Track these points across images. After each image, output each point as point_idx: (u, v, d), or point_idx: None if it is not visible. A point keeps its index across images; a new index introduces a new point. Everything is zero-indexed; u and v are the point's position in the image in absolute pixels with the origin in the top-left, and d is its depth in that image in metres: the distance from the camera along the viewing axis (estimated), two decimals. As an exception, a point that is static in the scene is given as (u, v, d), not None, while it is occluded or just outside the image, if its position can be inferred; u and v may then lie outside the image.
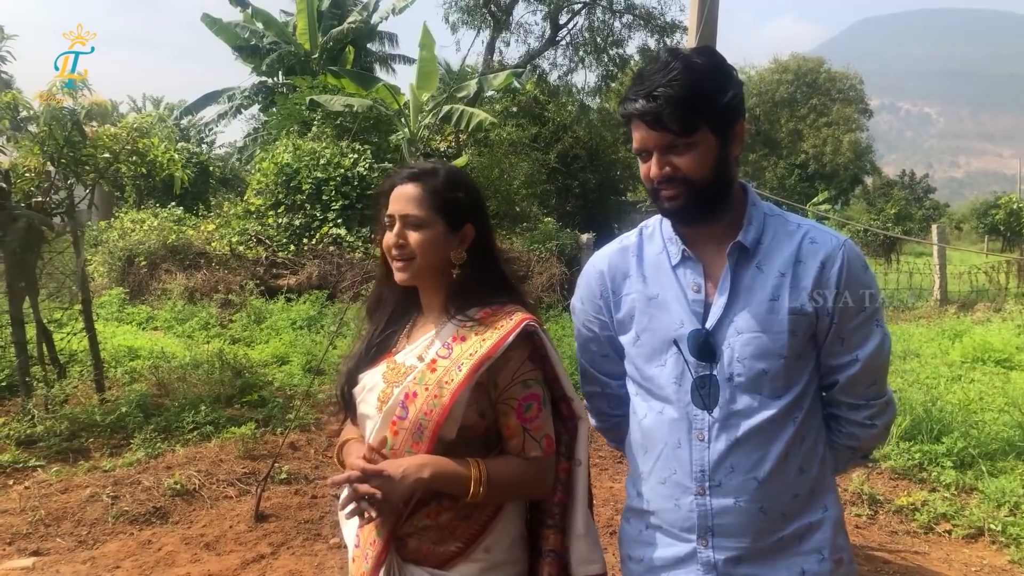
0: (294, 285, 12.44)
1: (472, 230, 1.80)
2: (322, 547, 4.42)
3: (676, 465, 1.69)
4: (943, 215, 39.41)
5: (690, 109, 1.54)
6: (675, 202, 1.61)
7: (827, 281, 1.61)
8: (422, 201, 1.76)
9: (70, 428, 5.96)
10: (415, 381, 1.72)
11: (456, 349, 1.73)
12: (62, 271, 7.50)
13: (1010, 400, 6.85)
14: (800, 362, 1.65)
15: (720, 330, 1.64)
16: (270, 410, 6.56)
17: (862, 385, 1.67)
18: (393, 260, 1.78)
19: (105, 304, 11.17)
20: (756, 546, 1.64)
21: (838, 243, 1.64)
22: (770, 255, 1.65)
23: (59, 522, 4.63)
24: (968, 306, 14.63)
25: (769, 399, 1.63)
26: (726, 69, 1.63)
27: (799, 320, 1.61)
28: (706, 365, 1.64)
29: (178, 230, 13.88)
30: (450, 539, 1.72)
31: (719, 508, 1.65)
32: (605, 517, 4.76)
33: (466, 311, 1.77)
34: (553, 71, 25.71)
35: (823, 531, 1.67)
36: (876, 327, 1.65)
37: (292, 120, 17.18)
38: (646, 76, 1.60)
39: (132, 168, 7.10)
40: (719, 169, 1.61)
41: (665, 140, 1.58)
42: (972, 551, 4.47)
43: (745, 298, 1.64)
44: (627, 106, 1.61)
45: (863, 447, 1.75)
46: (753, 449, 1.63)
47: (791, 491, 1.65)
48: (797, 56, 47.42)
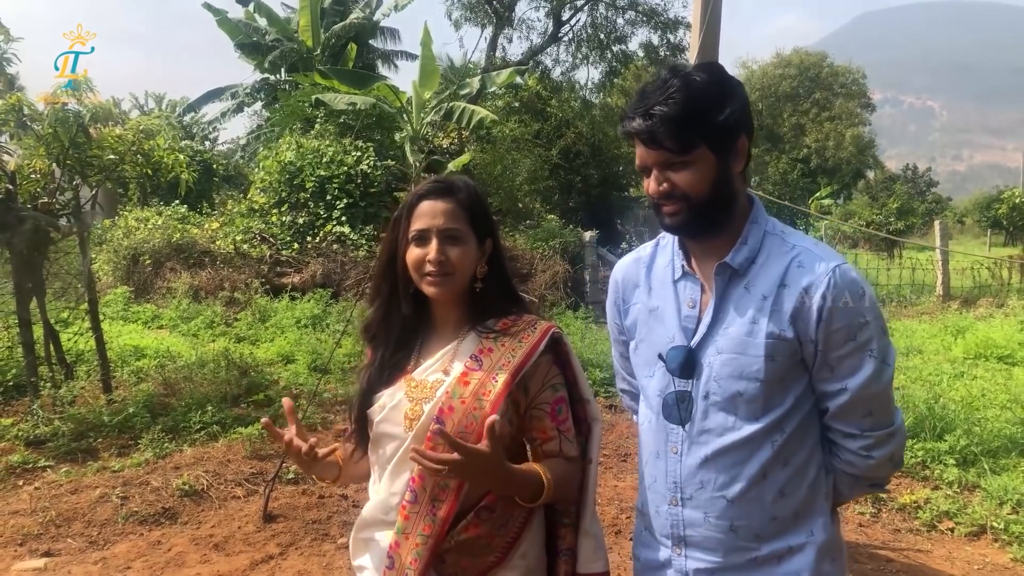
0: (298, 283, 12.48)
1: (490, 244, 1.84)
2: (330, 547, 4.46)
3: (656, 474, 1.73)
4: (946, 209, 39.41)
5: (686, 127, 1.55)
6: (675, 218, 1.62)
7: (808, 308, 1.57)
8: (458, 216, 1.77)
9: (78, 428, 6.01)
10: (448, 395, 1.72)
11: (486, 361, 1.75)
12: (68, 271, 7.55)
13: (1013, 397, 6.85)
14: (782, 385, 1.61)
15: (703, 348, 1.65)
16: (276, 409, 6.59)
17: (855, 415, 1.62)
18: (427, 276, 1.75)
19: (110, 303, 11.21)
20: (728, 562, 1.65)
21: (825, 269, 1.58)
22: (759, 277, 1.63)
23: (70, 523, 4.67)
24: (971, 302, 14.62)
25: (745, 420, 1.61)
26: (727, 85, 1.61)
27: (778, 345, 1.58)
28: (686, 382, 1.66)
29: (182, 228, 13.91)
30: (488, 551, 1.73)
31: (690, 520, 1.67)
32: (610, 516, 4.80)
33: (484, 323, 1.80)
34: (556, 67, 25.72)
35: (804, 555, 1.64)
36: (869, 357, 1.58)
37: (295, 118, 17.19)
38: (645, 94, 1.60)
39: (137, 169, 7.13)
40: (718, 185, 1.60)
41: (662, 158, 1.59)
42: (975, 549, 4.50)
43: (728, 318, 1.63)
44: (626, 124, 1.62)
45: (867, 476, 1.68)
46: (724, 468, 1.63)
47: (768, 513, 1.63)
48: (800, 50, 47.41)
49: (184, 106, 31.50)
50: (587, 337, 9.47)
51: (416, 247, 1.77)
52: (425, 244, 1.76)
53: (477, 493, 1.71)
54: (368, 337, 1.90)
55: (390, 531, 1.75)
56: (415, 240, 1.77)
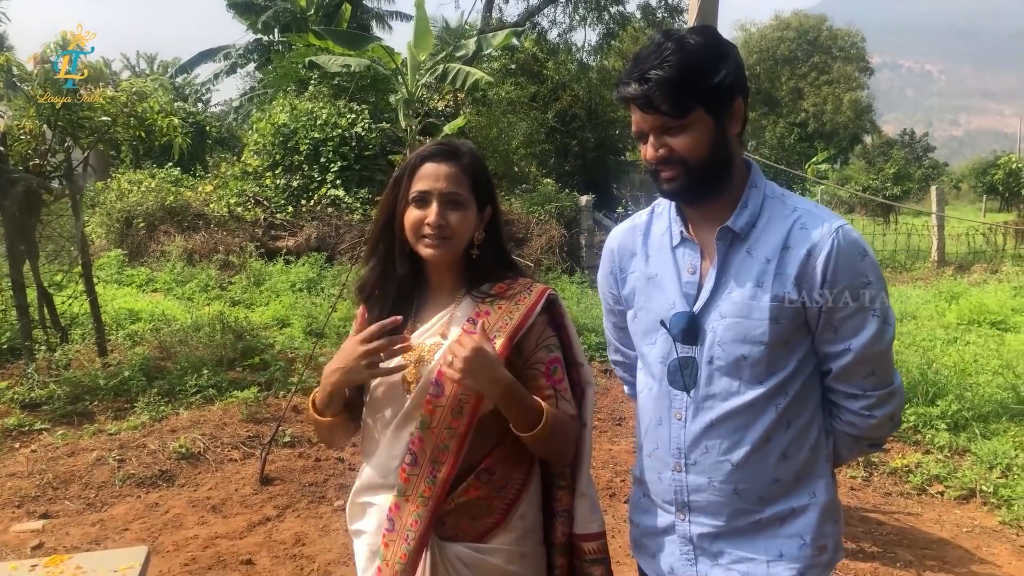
0: (293, 247, 12.44)
1: (489, 211, 1.83)
2: (327, 509, 4.50)
3: (659, 440, 1.73)
4: (942, 174, 39.32)
5: (682, 90, 1.53)
6: (673, 183, 1.61)
7: (812, 270, 1.57)
8: (460, 180, 1.76)
9: (73, 392, 6.02)
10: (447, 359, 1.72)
11: (484, 323, 1.75)
12: (61, 234, 7.50)
13: (1004, 362, 6.91)
14: (786, 348, 1.62)
15: (706, 313, 1.64)
16: (272, 373, 6.62)
17: (857, 375, 1.63)
18: (425, 238, 1.74)
19: (104, 266, 11.17)
20: (732, 525, 1.66)
21: (828, 230, 1.58)
22: (760, 240, 1.62)
23: (67, 485, 4.70)
24: (965, 268, 14.67)
25: (749, 384, 1.62)
26: (722, 48, 1.59)
27: (782, 308, 1.58)
28: (690, 347, 1.66)
29: (176, 191, 13.83)
30: (487, 512, 1.75)
31: (694, 485, 1.68)
32: (604, 480, 4.85)
33: (480, 287, 1.80)
34: (552, 29, 25.40)
35: (807, 516, 1.66)
36: (872, 317, 1.59)
37: (288, 79, 16.99)
38: (640, 59, 1.59)
39: (130, 132, 7.05)
40: (716, 149, 1.59)
41: (659, 122, 1.57)
42: (964, 512, 4.56)
43: (732, 283, 1.63)
44: (621, 90, 1.60)
45: (867, 436, 1.70)
46: (729, 433, 1.63)
47: (770, 476, 1.64)
48: (799, 13, 46.91)
49: (176, 67, 31.12)
50: (583, 301, 9.49)
51: (416, 209, 1.75)
52: (425, 207, 1.74)
53: (477, 454, 1.72)
54: (363, 297, 1.88)
55: (389, 494, 1.75)
56: (415, 202, 1.76)
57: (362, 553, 1.84)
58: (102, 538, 4.10)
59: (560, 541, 1.84)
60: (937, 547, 4.10)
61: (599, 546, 1.84)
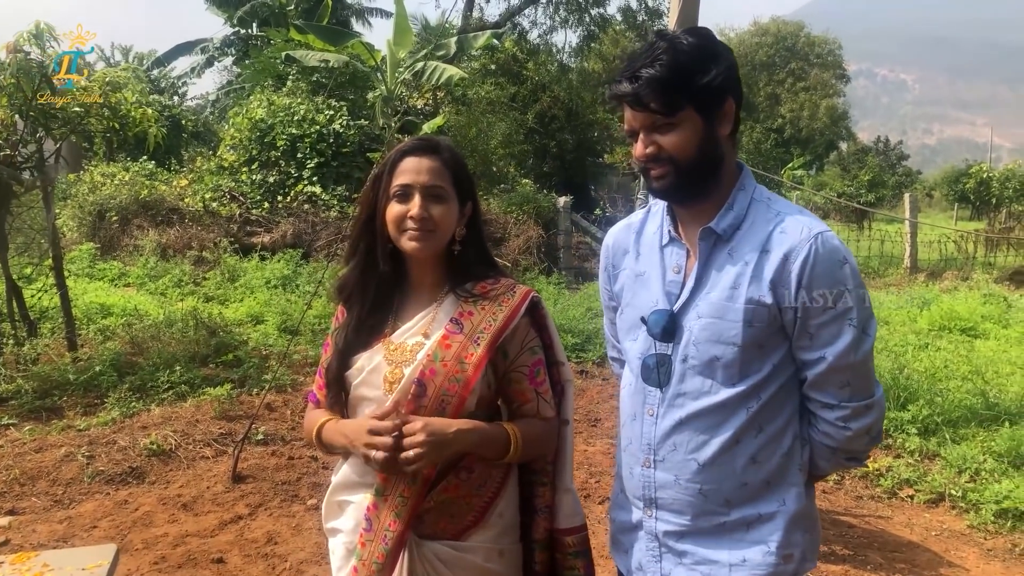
0: (268, 243, 12.32)
1: (470, 207, 1.83)
2: (299, 508, 4.46)
3: (632, 436, 1.75)
4: (915, 182, 39.80)
5: (672, 89, 1.55)
6: (663, 181, 1.62)
7: (788, 274, 1.57)
8: (442, 174, 1.76)
9: (42, 386, 5.93)
10: (430, 358, 1.71)
11: (467, 324, 1.75)
12: (31, 226, 7.38)
13: (974, 368, 7.01)
14: (761, 352, 1.61)
15: (684, 312, 1.65)
16: (246, 370, 6.55)
17: (832, 385, 1.62)
18: (408, 231, 1.73)
19: (75, 259, 11.00)
20: (696, 525, 1.66)
21: (807, 235, 1.57)
22: (742, 242, 1.63)
23: (34, 481, 4.62)
24: (937, 274, 14.85)
25: (721, 385, 1.62)
26: (714, 49, 1.61)
27: (757, 311, 1.58)
28: (666, 345, 1.67)
29: (150, 185, 13.63)
30: (466, 510, 1.75)
31: (661, 482, 1.69)
32: (580, 480, 4.85)
33: (463, 286, 1.80)
34: (533, 29, 25.45)
35: (774, 523, 1.64)
36: (849, 326, 1.58)
37: (266, 74, 16.85)
38: (632, 58, 1.62)
39: (103, 123, 6.95)
40: (705, 148, 1.60)
41: (649, 120, 1.59)
42: (933, 516, 4.61)
43: (710, 284, 1.64)
44: (613, 88, 1.62)
45: (844, 448, 1.67)
46: (697, 432, 1.64)
47: (738, 479, 1.64)
48: (777, 19, 47.32)
49: (152, 60, 30.78)
50: (560, 302, 9.49)
51: (398, 203, 1.74)
52: (407, 200, 1.74)
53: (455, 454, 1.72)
54: (344, 297, 1.87)
55: (367, 493, 1.75)
56: (397, 196, 1.75)
57: (337, 552, 1.83)
58: (70, 535, 4.04)
59: (541, 537, 1.85)
60: (907, 550, 4.14)
61: (581, 539, 1.87)
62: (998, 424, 5.59)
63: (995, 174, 30.82)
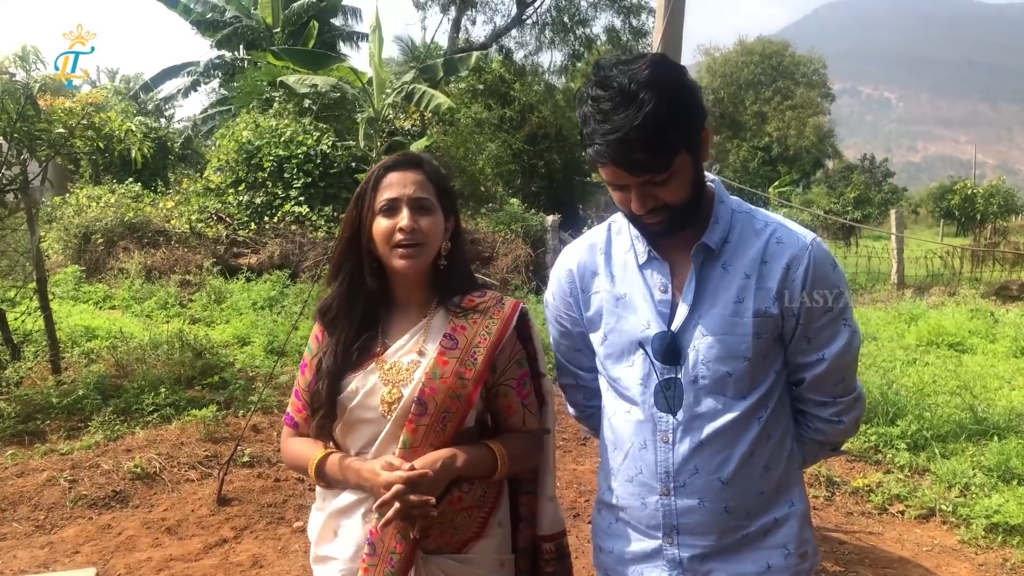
0: (255, 264, 12.27)
1: (453, 221, 1.82)
2: (286, 531, 4.40)
3: (642, 465, 1.68)
4: (901, 199, 40.14)
5: (666, 146, 1.47)
6: (660, 226, 1.58)
7: (793, 283, 1.59)
8: (427, 186, 1.75)
9: (24, 410, 5.85)
10: (428, 376, 1.69)
11: (461, 339, 1.73)
12: (16, 249, 7.33)
13: (962, 383, 7.02)
14: (766, 362, 1.63)
15: (685, 332, 1.62)
16: (232, 392, 6.49)
17: (829, 383, 1.66)
18: (399, 246, 1.69)
19: (60, 282, 10.93)
20: (721, 543, 1.65)
21: (804, 244, 1.61)
22: (736, 255, 1.62)
23: (15, 506, 4.55)
24: (924, 290, 14.92)
25: (733, 400, 1.61)
26: (682, 83, 1.52)
27: (764, 322, 1.59)
28: (671, 368, 1.63)
29: (136, 207, 13.59)
30: (468, 523, 1.74)
31: (683, 508, 1.64)
32: (569, 499, 4.81)
33: (452, 300, 1.78)
34: (519, 50, 25.62)
35: (789, 526, 1.68)
36: (844, 326, 1.63)
37: (253, 96, 16.88)
38: (609, 113, 1.46)
39: (88, 143, 6.92)
40: (696, 184, 1.59)
41: (646, 178, 1.51)
42: (924, 531, 4.59)
43: (710, 300, 1.61)
44: (599, 152, 1.49)
45: (831, 441, 1.75)
46: (717, 451, 1.62)
47: (756, 489, 1.65)
48: (763, 39, 47.88)
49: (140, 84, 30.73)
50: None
51: (385, 218, 1.72)
52: (395, 214, 1.71)
53: None
54: (327, 319, 1.82)
55: (364, 517, 1.72)
56: (384, 211, 1.72)
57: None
58: (51, 561, 3.97)
59: (524, 545, 1.87)
60: (898, 566, 4.12)
61: (560, 545, 1.88)
62: (987, 438, 5.59)
63: (979, 190, 31.19)
